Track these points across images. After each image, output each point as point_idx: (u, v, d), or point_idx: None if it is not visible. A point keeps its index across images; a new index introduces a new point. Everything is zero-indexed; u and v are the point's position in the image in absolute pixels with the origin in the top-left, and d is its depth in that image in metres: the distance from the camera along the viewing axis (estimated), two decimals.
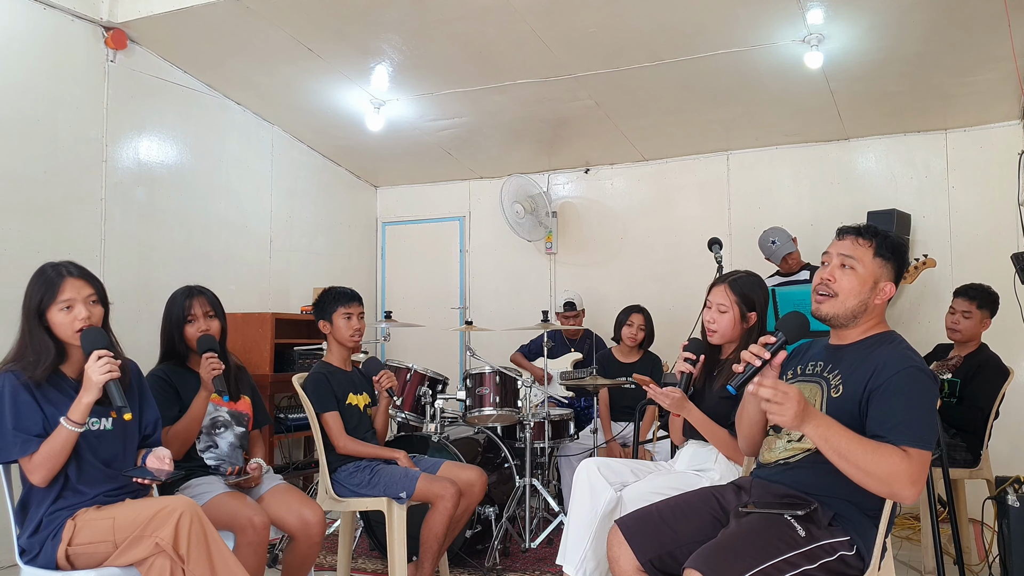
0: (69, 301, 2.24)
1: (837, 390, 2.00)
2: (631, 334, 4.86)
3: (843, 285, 2.01)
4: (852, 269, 2.01)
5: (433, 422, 3.95)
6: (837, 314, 2.03)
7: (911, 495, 1.78)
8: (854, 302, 2.01)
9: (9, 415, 2.18)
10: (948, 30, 3.95)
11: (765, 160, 5.62)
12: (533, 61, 4.49)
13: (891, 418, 1.84)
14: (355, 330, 3.33)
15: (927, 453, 1.81)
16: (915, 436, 1.81)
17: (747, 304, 2.58)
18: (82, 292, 2.27)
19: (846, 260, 2.02)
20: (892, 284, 2.02)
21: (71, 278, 2.27)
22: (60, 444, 2.17)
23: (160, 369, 2.84)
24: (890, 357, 1.93)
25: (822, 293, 2.04)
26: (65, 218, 4.10)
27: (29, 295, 2.27)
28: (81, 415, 2.18)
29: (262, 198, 5.49)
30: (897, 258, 2.03)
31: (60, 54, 4.11)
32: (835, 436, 1.80)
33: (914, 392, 1.86)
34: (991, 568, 3.51)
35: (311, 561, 2.80)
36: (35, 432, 2.19)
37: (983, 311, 3.82)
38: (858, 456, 1.78)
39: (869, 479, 1.79)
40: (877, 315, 2.07)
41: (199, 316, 2.83)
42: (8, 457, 2.20)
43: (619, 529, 2.09)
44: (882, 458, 1.78)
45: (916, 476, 1.78)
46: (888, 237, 2.04)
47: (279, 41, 4.37)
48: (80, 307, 2.25)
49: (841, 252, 2.04)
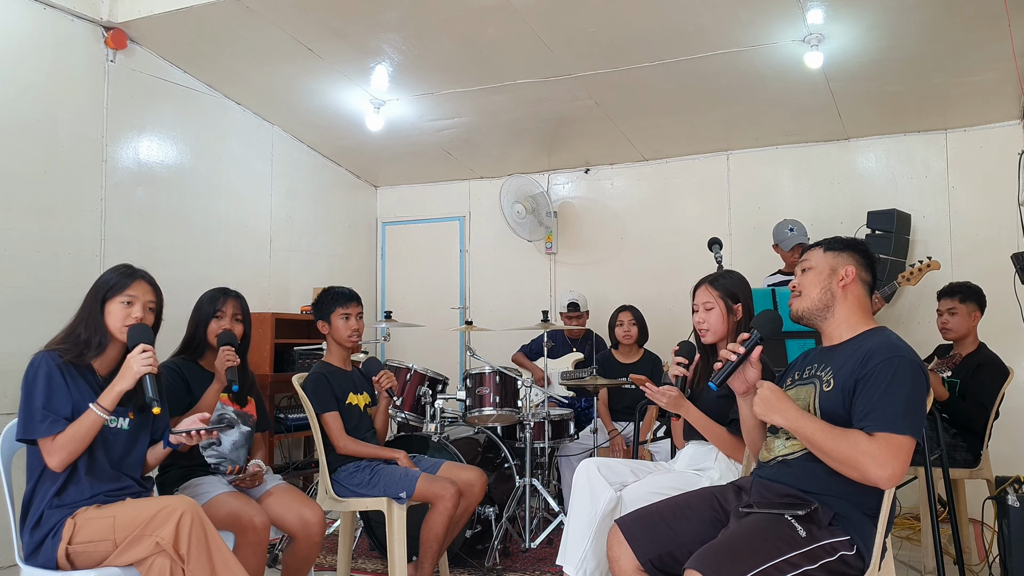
0: (132, 297, 2.38)
1: (828, 384, 2.03)
2: (624, 332, 4.88)
3: (804, 282, 2.18)
4: (809, 269, 2.19)
5: (433, 422, 3.95)
6: (807, 308, 2.15)
7: (880, 477, 1.83)
8: (817, 291, 2.14)
9: (41, 393, 2.23)
10: (948, 30, 3.95)
11: (765, 160, 5.62)
12: (533, 61, 4.49)
13: (866, 405, 1.90)
14: (353, 330, 3.33)
15: (899, 437, 1.84)
16: (882, 420, 1.86)
17: (731, 297, 2.63)
18: (146, 295, 2.41)
19: (804, 264, 2.22)
20: (853, 267, 2.13)
21: (142, 280, 2.43)
22: (86, 429, 2.23)
23: (173, 362, 2.87)
24: (876, 347, 1.98)
25: (793, 296, 2.21)
26: (65, 218, 4.10)
27: (99, 283, 2.40)
28: (111, 402, 2.25)
29: (262, 198, 5.49)
30: (850, 247, 2.18)
31: (60, 54, 4.11)
32: (803, 426, 1.94)
33: (893, 379, 1.90)
34: (991, 568, 3.51)
35: (311, 561, 2.80)
36: (63, 414, 2.24)
37: (968, 304, 3.83)
38: (821, 442, 1.90)
39: (839, 465, 1.89)
40: (858, 308, 2.13)
41: (228, 316, 2.92)
42: (34, 433, 2.23)
43: (619, 529, 2.10)
44: (844, 442, 1.87)
45: (881, 458, 1.82)
46: (837, 237, 2.23)
47: (279, 41, 4.37)
48: (138, 307, 2.38)
49: (801, 261, 2.24)
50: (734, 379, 2.18)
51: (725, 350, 2.14)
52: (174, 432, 2.39)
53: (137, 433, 2.43)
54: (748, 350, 2.12)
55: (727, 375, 2.13)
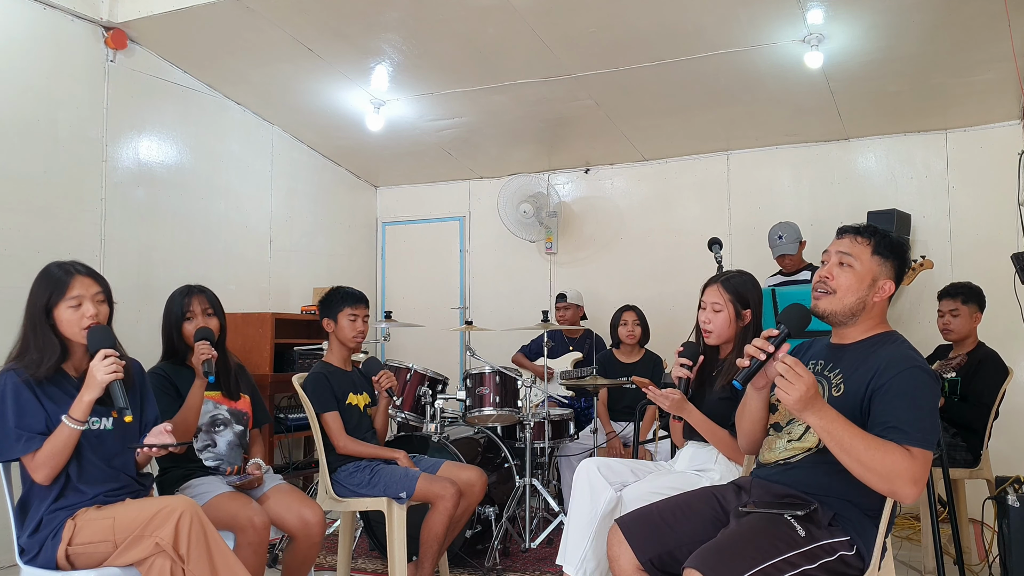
0: (78, 298, 2.25)
1: (838, 388, 1.99)
2: (628, 332, 4.87)
3: (841, 282, 2.01)
4: (850, 267, 2.01)
5: (433, 422, 3.95)
6: (835, 311, 2.03)
7: (912, 494, 1.78)
8: (852, 299, 2.01)
9: (12, 413, 2.18)
10: (948, 30, 3.95)
11: (765, 160, 5.62)
12: (533, 61, 4.49)
13: (894, 418, 1.84)
14: (359, 332, 3.35)
15: (929, 453, 1.81)
16: (918, 436, 1.80)
17: (741, 302, 2.59)
18: (90, 290, 2.28)
19: (844, 258, 2.03)
20: (891, 282, 2.02)
21: (80, 276, 2.28)
22: (62, 442, 2.17)
23: (159, 367, 2.85)
24: (893, 357, 1.93)
25: (820, 290, 2.05)
26: (65, 218, 4.10)
27: (36, 293, 2.28)
28: (83, 413, 2.18)
29: (262, 198, 5.48)
30: (896, 256, 2.03)
31: (60, 54, 4.10)
32: (839, 429, 1.81)
33: (917, 392, 1.86)
34: (991, 568, 3.51)
35: (311, 561, 2.80)
36: (38, 430, 2.19)
37: (969, 305, 3.82)
38: (860, 451, 1.78)
39: (870, 475, 1.79)
40: (878, 314, 2.06)
41: (198, 314, 2.86)
42: (11, 455, 2.20)
43: (619, 529, 2.09)
44: (886, 455, 1.78)
45: (918, 476, 1.77)
46: (887, 236, 2.04)
47: (279, 41, 4.37)
48: (88, 304, 2.26)
49: (840, 250, 2.04)
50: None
51: (752, 346, 1.95)
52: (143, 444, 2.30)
53: (123, 429, 2.36)
54: (776, 347, 1.94)
55: (753, 373, 1.96)
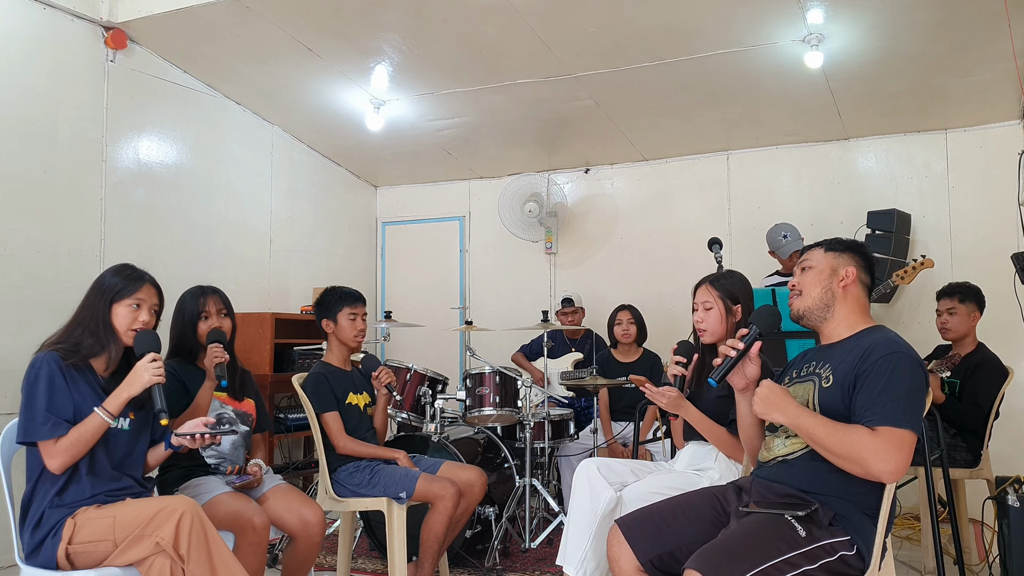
0: (139, 301, 2.39)
1: (827, 380, 2.04)
2: (623, 331, 4.89)
3: (804, 282, 2.19)
4: (809, 268, 2.19)
5: (433, 422, 3.95)
6: (807, 307, 2.16)
7: (883, 471, 1.84)
8: (817, 291, 2.15)
9: (43, 396, 2.23)
10: (948, 30, 3.95)
11: (765, 160, 5.62)
12: (533, 61, 4.49)
13: (867, 400, 1.91)
14: (359, 331, 3.35)
15: (900, 431, 1.85)
16: (884, 415, 1.86)
17: (730, 298, 2.64)
18: (151, 299, 2.43)
19: (803, 263, 2.22)
20: (853, 268, 2.14)
21: (149, 284, 2.44)
22: (90, 433, 2.23)
23: (169, 364, 2.84)
24: (877, 343, 1.99)
25: (793, 296, 2.22)
26: (65, 218, 4.10)
27: (104, 284, 2.40)
28: (117, 408, 2.27)
29: (262, 198, 5.49)
30: (850, 248, 2.18)
31: (60, 54, 4.10)
32: (805, 422, 1.95)
33: (893, 374, 1.90)
34: (991, 568, 3.51)
35: (311, 561, 2.80)
36: (65, 416, 2.24)
37: (967, 304, 3.83)
38: (824, 439, 1.90)
39: (842, 460, 1.89)
40: (857, 309, 2.14)
41: (213, 314, 2.90)
42: (36, 436, 2.22)
43: (619, 529, 2.10)
44: (845, 437, 1.87)
45: (884, 453, 1.83)
46: (839, 238, 2.23)
47: (279, 41, 4.37)
48: (145, 311, 2.40)
49: (800, 261, 2.24)
50: (733, 375, 2.19)
51: (724, 346, 2.16)
52: (177, 434, 2.38)
53: (138, 433, 2.43)
54: (747, 345, 2.14)
55: (726, 371, 2.14)
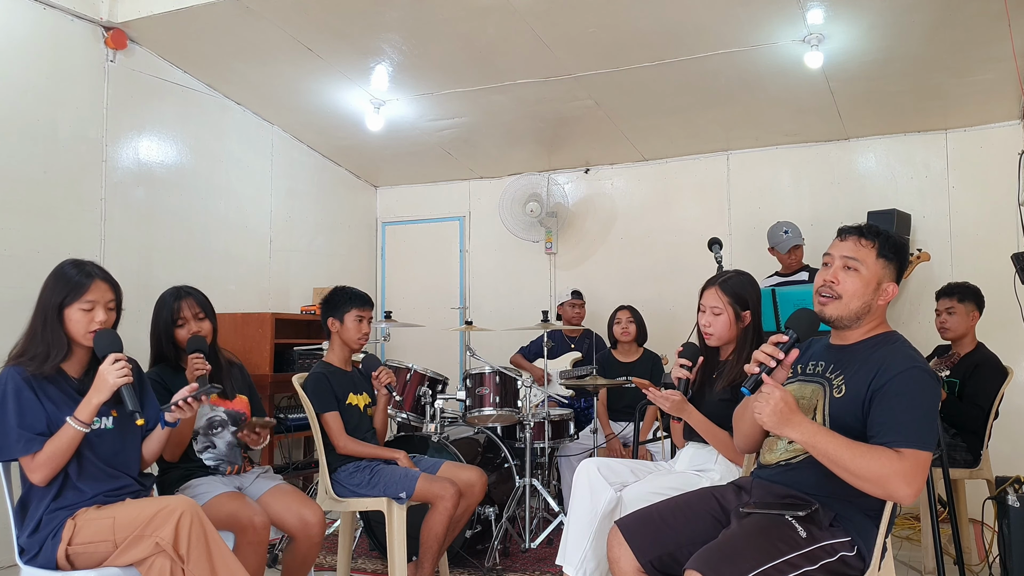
0: (92, 303, 2.27)
1: (840, 390, 1.99)
2: (622, 330, 4.89)
3: (847, 287, 1.99)
4: (856, 271, 1.99)
5: (433, 422, 3.95)
6: (841, 316, 2.01)
7: (907, 495, 1.78)
8: (858, 304, 1.99)
9: (12, 412, 2.18)
10: (948, 30, 3.95)
11: (765, 160, 5.62)
12: (533, 61, 4.49)
13: (888, 419, 1.85)
14: (364, 334, 3.35)
15: (924, 453, 1.81)
16: (909, 437, 1.81)
17: (740, 303, 2.58)
18: (105, 296, 2.30)
19: (849, 262, 2.00)
20: (895, 284, 2.01)
21: (98, 280, 2.30)
22: (66, 444, 2.18)
23: (154, 372, 2.81)
24: (893, 358, 1.93)
25: (826, 295, 2.02)
26: (65, 218, 4.09)
27: (51, 289, 2.29)
28: (89, 415, 2.19)
29: (262, 198, 5.48)
30: (899, 258, 2.03)
31: (60, 54, 4.10)
32: (822, 442, 1.83)
33: (914, 393, 1.86)
34: (991, 568, 3.51)
35: (311, 561, 2.80)
36: (38, 430, 2.19)
37: (966, 304, 3.83)
38: (847, 461, 1.80)
39: (862, 482, 1.80)
40: (879, 315, 2.06)
41: (189, 318, 2.80)
42: (11, 455, 2.19)
43: (619, 530, 2.09)
44: (872, 460, 1.79)
45: (910, 476, 1.77)
46: (890, 237, 2.03)
47: (279, 41, 4.37)
48: (100, 310, 2.28)
49: (844, 254, 2.02)
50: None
51: (762, 352, 1.92)
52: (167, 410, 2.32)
53: (124, 429, 2.36)
54: (785, 353, 1.92)
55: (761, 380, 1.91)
